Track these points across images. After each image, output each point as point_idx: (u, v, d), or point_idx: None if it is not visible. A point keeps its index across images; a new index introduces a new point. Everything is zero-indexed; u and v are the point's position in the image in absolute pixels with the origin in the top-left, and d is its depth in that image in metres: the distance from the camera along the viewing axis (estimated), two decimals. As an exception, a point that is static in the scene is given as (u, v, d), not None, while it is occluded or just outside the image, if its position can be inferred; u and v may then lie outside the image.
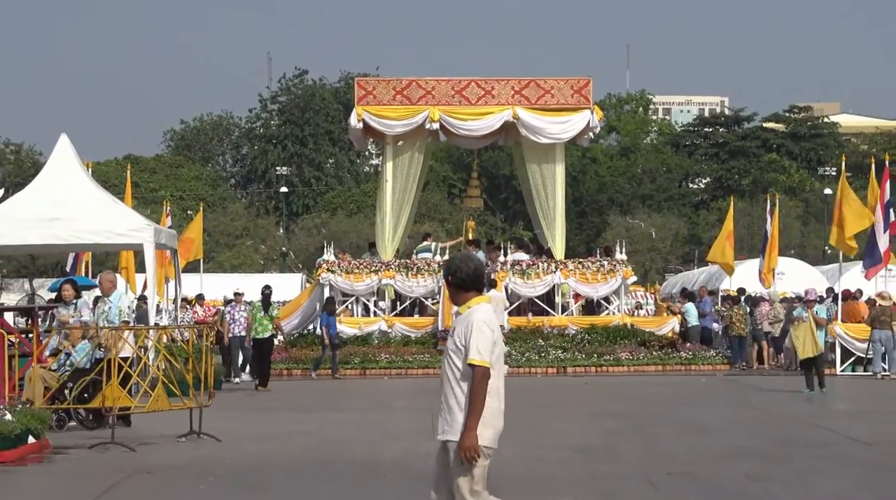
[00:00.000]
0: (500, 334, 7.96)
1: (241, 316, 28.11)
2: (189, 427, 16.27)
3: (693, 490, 12.38)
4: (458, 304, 8.04)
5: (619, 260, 34.39)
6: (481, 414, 7.80)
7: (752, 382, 26.90)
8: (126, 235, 24.42)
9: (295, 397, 24.33)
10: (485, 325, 7.83)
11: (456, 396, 7.91)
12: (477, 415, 7.79)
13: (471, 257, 8.43)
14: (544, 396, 24.16)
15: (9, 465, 13.99)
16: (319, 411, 21.08)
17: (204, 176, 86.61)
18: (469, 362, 7.78)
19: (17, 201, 24.62)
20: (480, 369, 7.74)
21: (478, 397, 7.79)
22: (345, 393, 25.25)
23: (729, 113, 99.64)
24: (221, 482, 13.06)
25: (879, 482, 13.37)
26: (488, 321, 7.87)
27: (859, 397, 23.84)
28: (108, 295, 18.52)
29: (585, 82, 35.13)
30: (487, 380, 7.79)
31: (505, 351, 11.47)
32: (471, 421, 7.79)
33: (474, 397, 7.80)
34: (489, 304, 8.09)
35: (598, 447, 15.86)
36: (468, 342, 7.79)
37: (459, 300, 8.02)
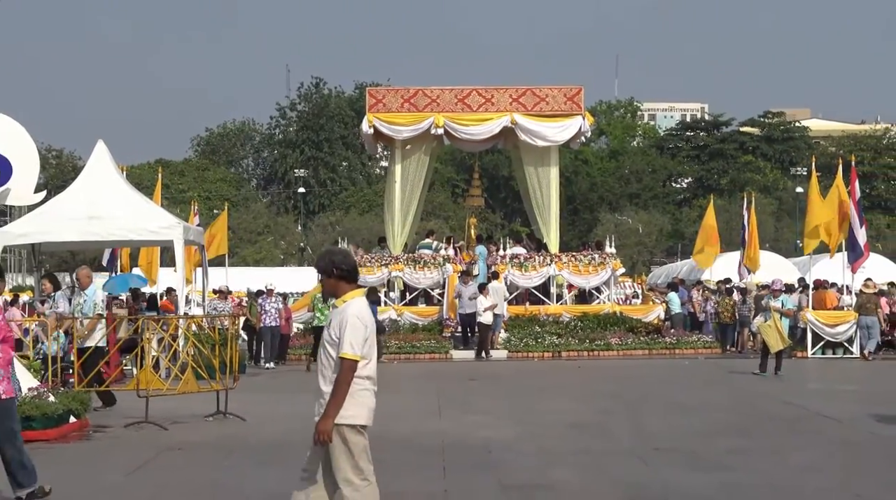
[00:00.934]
0: (372, 326, 7.87)
1: (273, 308, 28.42)
2: (216, 408, 16.34)
3: (678, 464, 12.39)
4: (337, 296, 7.93)
5: (608, 253, 34.47)
6: (342, 403, 7.77)
7: (730, 364, 26.89)
8: (157, 232, 24.45)
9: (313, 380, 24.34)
10: (358, 320, 7.75)
11: (329, 384, 7.89)
12: (338, 404, 7.77)
13: (350, 253, 8.39)
14: (541, 378, 24.19)
15: (52, 442, 14.06)
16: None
17: (228, 178, 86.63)
18: (340, 355, 7.72)
19: (58, 202, 24.67)
20: (349, 362, 7.71)
21: (342, 387, 7.77)
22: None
23: (708, 118, 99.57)
24: (246, 457, 13.11)
25: (847, 454, 13.42)
26: (361, 316, 7.78)
27: (829, 378, 23.82)
28: (84, 289, 18.65)
29: (577, 90, 35.17)
30: (353, 372, 7.75)
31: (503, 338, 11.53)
32: (330, 408, 7.79)
33: (338, 387, 7.77)
34: (363, 298, 8.00)
35: (591, 425, 15.88)
36: (342, 336, 7.72)
37: (339, 292, 7.91)
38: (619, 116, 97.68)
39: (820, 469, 12.25)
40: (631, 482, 11.30)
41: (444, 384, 22.22)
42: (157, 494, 11.09)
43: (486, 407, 18.18)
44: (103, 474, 12.10)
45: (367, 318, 7.84)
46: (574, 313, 32.50)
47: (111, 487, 11.43)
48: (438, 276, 32.81)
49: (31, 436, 14.02)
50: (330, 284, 7.96)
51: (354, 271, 7.97)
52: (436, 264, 33.13)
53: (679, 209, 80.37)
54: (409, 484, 11.22)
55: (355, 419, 7.80)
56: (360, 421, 7.84)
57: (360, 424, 7.85)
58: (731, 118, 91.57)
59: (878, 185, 79.80)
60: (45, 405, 14.57)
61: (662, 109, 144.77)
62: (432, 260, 33.50)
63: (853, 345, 30.04)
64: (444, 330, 31.49)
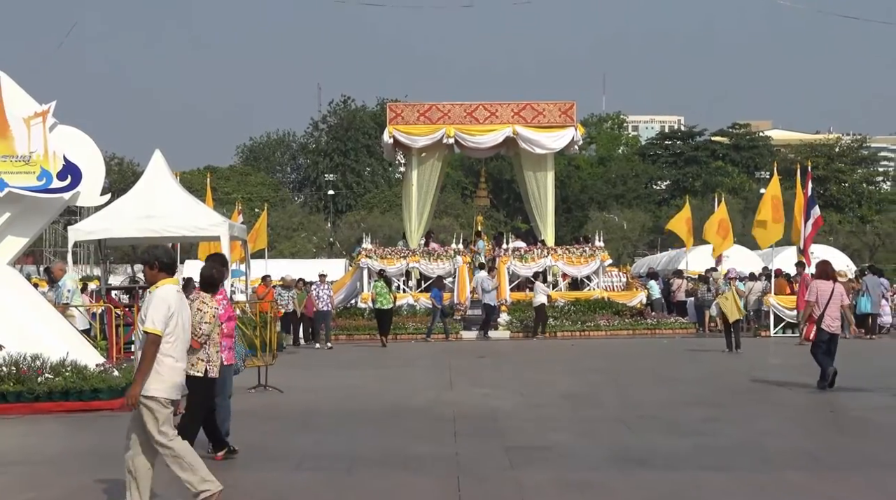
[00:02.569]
0: (178, 310, 8.04)
1: (325, 294, 27.97)
2: (258, 381, 16.36)
3: (658, 430, 12.38)
4: (153, 283, 8.16)
5: (597, 246, 34.49)
6: (147, 374, 7.86)
7: (702, 343, 26.87)
8: (206, 229, 24.47)
9: (342, 357, 24.38)
10: (162, 301, 7.93)
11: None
12: (143, 372, 7.86)
13: (169, 250, 8.80)
14: (540, 355, 24.19)
15: (116, 410, 14.06)
16: (360, 368, 21.11)
17: (267, 182, 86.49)
18: (144, 329, 7.88)
19: (120, 203, 24.72)
20: (151, 336, 7.83)
21: (146, 358, 7.87)
22: (380, 354, 25.28)
23: (684, 129, 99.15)
24: (283, 422, 13.13)
25: (804, 419, 13.45)
26: (166, 298, 7.96)
27: (788, 354, 23.77)
28: (58, 281, 19.03)
29: (570, 105, 35.19)
30: (157, 345, 7.84)
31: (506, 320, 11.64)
32: (137, 376, 7.89)
33: (143, 358, 7.88)
34: (174, 285, 8.20)
35: (583, 395, 15.88)
36: (146, 313, 7.91)
37: (157, 280, 8.13)
38: (607, 128, 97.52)
39: (779, 433, 12.24)
40: (618, 445, 11.29)
41: (455, 360, 22.22)
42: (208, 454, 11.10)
43: (492, 380, 18.20)
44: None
45: (172, 300, 8.02)
46: (568, 299, 32.47)
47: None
48: (450, 266, 32.84)
49: (98, 405, 14.11)
50: (152, 274, 8.21)
51: (172, 265, 8.29)
52: (447, 256, 33.19)
53: (659, 208, 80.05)
54: (425, 448, 11.22)
55: (158, 392, 7.92)
56: (162, 395, 7.96)
57: (163, 397, 7.96)
58: (703, 129, 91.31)
59: (831, 187, 79.51)
60: (110, 379, 14.60)
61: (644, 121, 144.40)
62: (444, 253, 33.56)
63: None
64: (454, 314, 31.48)
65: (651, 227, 72.62)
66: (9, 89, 15.00)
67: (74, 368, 14.35)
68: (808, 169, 30.84)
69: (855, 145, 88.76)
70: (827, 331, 16.15)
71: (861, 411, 13.67)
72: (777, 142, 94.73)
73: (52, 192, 15.11)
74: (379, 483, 9.44)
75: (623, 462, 10.27)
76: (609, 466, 10.12)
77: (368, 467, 10.22)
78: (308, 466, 10.28)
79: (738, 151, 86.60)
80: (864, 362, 21.52)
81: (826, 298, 16.19)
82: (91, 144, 15.47)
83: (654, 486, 9.16)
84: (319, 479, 9.61)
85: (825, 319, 16.13)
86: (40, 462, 10.86)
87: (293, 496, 8.92)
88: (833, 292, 16.25)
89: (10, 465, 10.74)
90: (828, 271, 16.93)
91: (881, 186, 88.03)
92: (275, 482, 9.43)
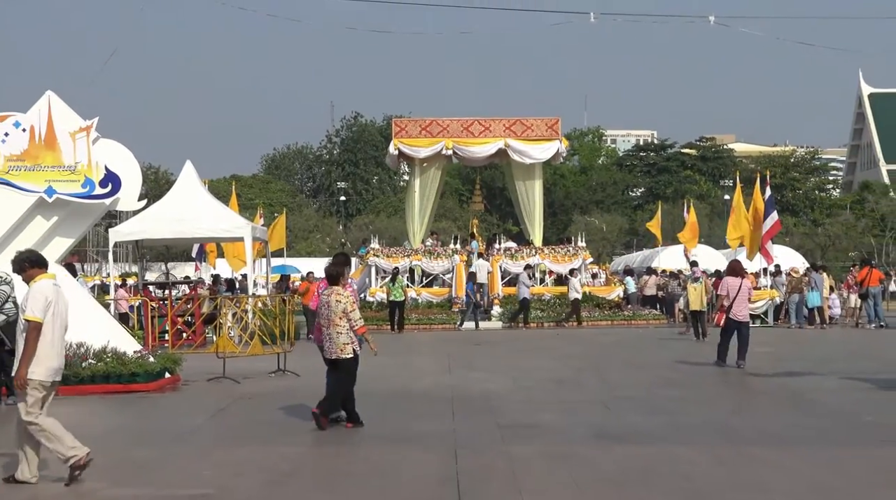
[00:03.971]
0: (55, 302, 8.17)
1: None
2: (277, 366, 16.37)
3: (633, 409, 12.40)
4: (29, 281, 8.35)
5: (580, 246, 34.48)
6: (31, 357, 8.00)
7: (673, 333, 26.86)
8: (231, 230, 24.54)
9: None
10: (39, 292, 8.14)
11: None
12: (27, 357, 7.99)
13: (34, 250, 9.02)
14: (529, 343, 24.18)
15: (152, 393, 14.12)
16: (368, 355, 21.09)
17: (286, 189, 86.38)
18: (25, 318, 8.04)
19: (155, 208, 24.80)
20: (33, 323, 8.00)
21: (29, 344, 8.01)
22: (387, 342, 25.23)
23: (657, 142, 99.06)
24: (299, 403, 13.13)
25: (760, 400, 13.49)
26: (43, 290, 8.17)
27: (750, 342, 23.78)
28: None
29: (555, 121, 35.19)
30: (37, 331, 7.99)
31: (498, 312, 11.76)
32: (22, 360, 8.01)
33: (26, 344, 8.02)
34: (50, 279, 8.38)
35: (567, 379, 15.89)
36: (27, 304, 8.10)
37: (33, 276, 8.32)
38: (588, 141, 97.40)
39: (741, 412, 12.28)
40: (597, 423, 11.31)
41: (453, 348, 22.22)
42: (232, 431, 11.13)
43: (486, 366, 18.19)
44: (191, 417, 12.16)
45: (49, 292, 8.20)
46: (553, 293, 32.42)
47: (197, 426, 11.49)
48: (448, 264, 32.82)
49: (136, 388, 14.12)
50: (28, 274, 8.38)
51: (41, 260, 8.50)
52: (446, 255, 33.19)
53: (634, 212, 79.97)
54: (427, 426, 11.24)
55: (35, 375, 8.04)
56: (39, 377, 8.08)
57: (40, 380, 8.08)
58: (674, 142, 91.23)
59: (787, 194, 79.40)
60: (147, 364, 14.61)
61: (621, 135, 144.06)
62: (443, 252, 33.57)
63: (768, 316, 30.16)
64: (453, 306, 31.45)
65: (627, 229, 72.63)
66: (57, 107, 15.04)
67: (114, 354, 14.38)
68: (767, 178, 30.84)
69: (808, 157, 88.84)
70: (734, 319, 17.15)
71: (812, 393, 13.69)
72: (739, 153, 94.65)
73: (94, 198, 15.14)
74: (386, 456, 9.46)
75: (602, 438, 10.29)
76: (589, 441, 10.14)
77: (376, 441, 10.24)
78: (323, 441, 10.30)
79: (704, 161, 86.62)
80: (815, 350, 21.57)
81: (735, 291, 17.16)
82: (129, 155, 15.50)
83: (630, 459, 9.18)
84: (333, 452, 9.63)
85: (733, 309, 17.10)
86: (85, 437, 10.83)
87: (310, 466, 8.94)
88: (741, 287, 17.22)
89: (57, 440, 10.75)
90: (737, 269, 17.95)
91: (831, 193, 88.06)
92: (293, 455, 9.45)
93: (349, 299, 10.83)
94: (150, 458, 9.45)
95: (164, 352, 16.52)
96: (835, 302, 32.20)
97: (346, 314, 10.78)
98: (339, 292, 10.88)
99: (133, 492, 7.96)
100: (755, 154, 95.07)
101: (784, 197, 77.56)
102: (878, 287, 29.59)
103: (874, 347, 22.35)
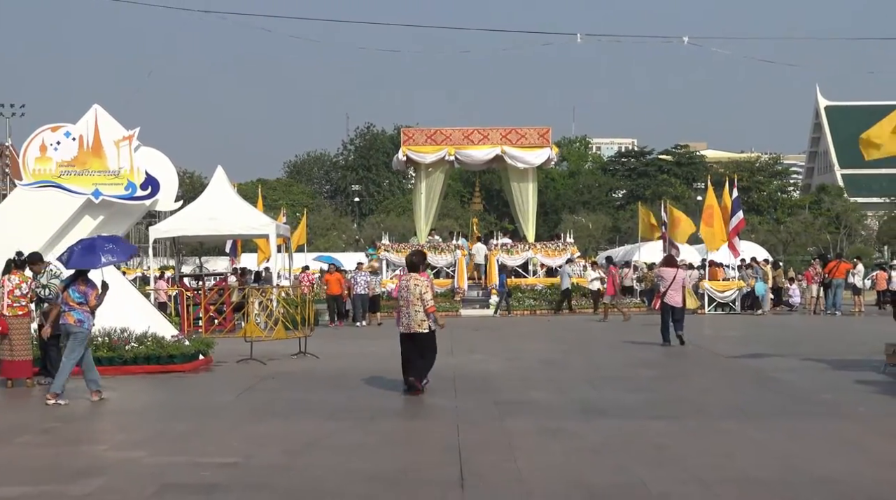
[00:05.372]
0: None
1: (363, 279, 26.31)
2: (298, 349, 16.40)
3: (615, 386, 12.42)
4: None
5: (568, 242, 34.46)
6: None
7: (651, 319, 26.81)
8: (258, 228, 24.56)
9: (365, 331, 24.41)
10: None
11: None
12: None
13: None
14: (523, 329, 24.20)
15: (187, 373, 14.14)
16: (380, 339, 21.10)
17: (307, 191, 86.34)
18: None
19: (190, 208, 24.81)
20: None
21: None
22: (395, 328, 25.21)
23: (637, 149, 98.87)
24: (319, 382, 13.16)
25: (729, 378, 13.44)
26: None
27: (718, 327, 23.83)
28: None
29: (546, 130, 35.14)
30: None
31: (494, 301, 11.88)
32: None
33: None
34: None
35: (556, 361, 15.90)
36: None
37: None
38: (576, 148, 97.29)
39: (711, 390, 12.28)
40: (584, 399, 11.33)
41: (455, 333, 22.21)
42: (259, 407, 11.15)
43: (485, 349, 18.21)
44: (222, 394, 12.18)
45: None
46: (545, 284, 32.42)
47: (227, 403, 11.51)
48: (451, 258, 32.80)
49: (173, 368, 14.14)
50: None
51: None
52: (449, 250, 33.17)
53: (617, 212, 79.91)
54: (432, 401, 11.29)
55: None
56: None
57: None
58: (652, 149, 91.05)
59: (753, 195, 79.24)
60: (183, 347, 14.64)
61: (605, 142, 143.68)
62: (446, 247, 33.55)
63: (736, 304, 30.19)
64: (455, 295, 31.44)
65: (610, 227, 72.57)
66: (103, 118, 15.08)
67: (154, 338, 14.41)
68: (735, 181, 30.90)
69: (771, 162, 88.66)
70: (668, 303, 18.03)
71: (774, 373, 13.70)
72: (710, 159, 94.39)
73: (136, 199, 15.18)
74: (395, 428, 9.48)
75: (587, 413, 10.30)
76: (577, 415, 10.15)
77: (387, 416, 10.27)
78: (339, 416, 10.32)
79: (679, 166, 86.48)
80: (777, 335, 21.56)
81: (670, 280, 18.05)
82: (167, 161, 15.54)
83: (612, 431, 9.20)
84: (348, 425, 9.65)
85: (668, 295, 18.00)
86: (128, 412, 10.91)
87: (327, 438, 8.96)
88: (675, 276, 18.11)
89: (106, 413, 10.81)
90: (672, 261, 19.21)
91: (792, 195, 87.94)
92: (313, 429, 9.47)
93: (425, 284, 11.56)
94: (185, 430, 9.47)
95: (198, 336, 16.58)
96: (795, 291, 32.20)
97: (421, 296, 11.41)
98: (418, 278, 11.60)
99: (171, 460, 7.99)
100: (724, 160, 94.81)
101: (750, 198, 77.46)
102: (841, 279, 29.60)
103: (831, 332, 22.35)
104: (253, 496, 6.72)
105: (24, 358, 12.84)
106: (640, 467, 7.48)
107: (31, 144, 14.87)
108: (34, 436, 9.25)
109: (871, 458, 7.88)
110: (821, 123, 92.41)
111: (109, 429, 9.84)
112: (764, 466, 7.52)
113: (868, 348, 15.97)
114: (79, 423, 10.24)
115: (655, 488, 6.76)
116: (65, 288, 11.63)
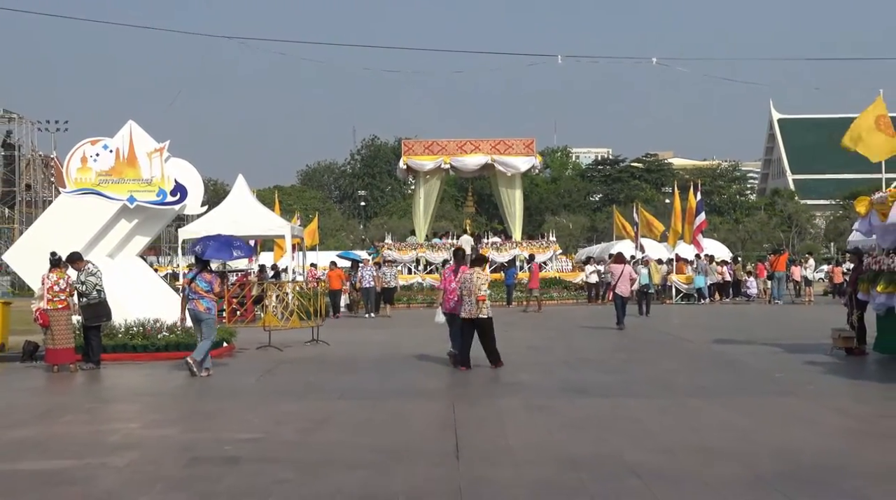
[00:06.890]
0: None
1: (369, 274, 25.87)
2: (311, 337, 16.39)
3: (593, 369, 12.44)
4: None
5: (551, 241, 34.63)
6: None
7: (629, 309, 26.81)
8: (274, 229, 24.52)
9: (370, 321, 24.40)
10: None
11: None
12: None
13: None
14: (511, 318, 24.19)
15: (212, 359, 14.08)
16: (385, 328, 21.15)
17: (318, 196, 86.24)
18: None
19: (215, 212, 24.75)
20: None
21: None
22: (399, 318, 25.29)
23: (612, 158, 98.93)
24: (330, 367, 13.15)
25: (696, 362, 13.44)
26: None
27: (684, 316, 23.86)
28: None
29: (531, 141, 35.26)
30: None
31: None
32: None
33: None
34: None
35: (541, 346, 15.92)
36: None
37: None
38: (558, 156, 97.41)
39: (679, 371, 12.29)
40: (565, 379, 11.34)
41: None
42: (277, 389, 11.15)
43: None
44: (243, 377, 12.18)
45: None
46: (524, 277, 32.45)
47: (248, 386, 11.51)
48: (447, 255, 32.66)
49: (200, 354, 14.10)
50: None
51: None
52: (445, 248, 33.10)
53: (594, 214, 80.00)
54: (430, 383, 11.30)
55: None
56: None
57: None
58: (625, 158, 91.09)
59: (714, 198, 79.28)
60: (209, 336, 14.57)
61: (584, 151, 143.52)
62: (443, 246, 33.52)
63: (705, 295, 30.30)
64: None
65: (588, 227, 72.65)
66: (137, 132, 15.10)
67: (183, 328, 14.38)
68: (698, 185, 31.06)
69: (730, 169, 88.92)
70: (619, 294, 19.16)
71: (735, 356, 13.72)
72: (677, 166, 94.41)
73: (166, 204, 15.18)
74: (399, 407, 9.48)
75: (569, 392, 10.31)
76: (560, 394, 10.16)
77: (392, 396, 10.26)
78: (348, 396, 10.32)
79: (649, 173, 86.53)
80: (736, 322, 21.58)
81: (618, 275, 19.17)
82: (194, 170, 15.54)
83: (591, 407, 9.21)
84: (356, 404, 9.65)
85: (618, 287, 19.16)
86: (161, 394, 10.91)
87: (338, 416, 8.96)
88: (623, 271, 19.18)
89: (140, 395, 10.80)
90: (621, 258, 20.25)
91: (749, 198, 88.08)
92: (324, 408, 9.47)
93: (485, 278, 12.18)
94: (212, 409, 9.47)
95: (221, 326, 16.52)
96: (751, 284, 32.23)
97: (479, 287, 11.96)
98: (479, 271, 12.16)
99: (199, 436, 7.99)
100: (689, 167, 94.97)
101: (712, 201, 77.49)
102: (783, 272, 29.72)
103: (784, 319, 22.39)
104: (272, 467, 6.72)
105: (66, 346, 12.85)
106: (617, 439, 7.50)
107: (74, 156, 14.89)
108: (77, 415, 9.24)
109: (819, 430, 7.90)
110: (774, 133, 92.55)
111: (143, 409, 9.83)
112: (725, 437, 7.54)
113: (818, 333, 16.01)
114: (116, 404, 10.24)
115: (630, 457, 6.78)
116: (191, 280, 11.95)
